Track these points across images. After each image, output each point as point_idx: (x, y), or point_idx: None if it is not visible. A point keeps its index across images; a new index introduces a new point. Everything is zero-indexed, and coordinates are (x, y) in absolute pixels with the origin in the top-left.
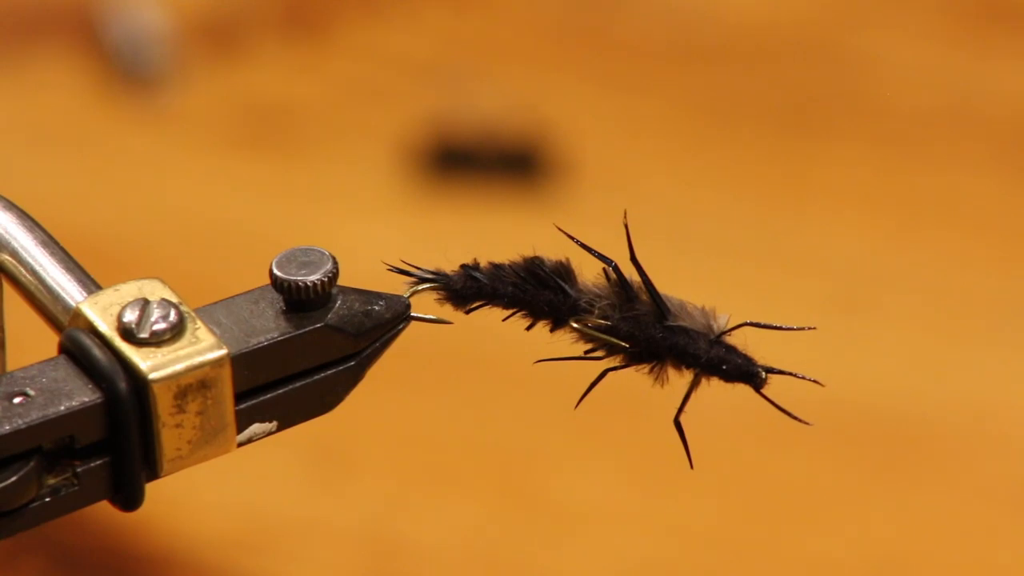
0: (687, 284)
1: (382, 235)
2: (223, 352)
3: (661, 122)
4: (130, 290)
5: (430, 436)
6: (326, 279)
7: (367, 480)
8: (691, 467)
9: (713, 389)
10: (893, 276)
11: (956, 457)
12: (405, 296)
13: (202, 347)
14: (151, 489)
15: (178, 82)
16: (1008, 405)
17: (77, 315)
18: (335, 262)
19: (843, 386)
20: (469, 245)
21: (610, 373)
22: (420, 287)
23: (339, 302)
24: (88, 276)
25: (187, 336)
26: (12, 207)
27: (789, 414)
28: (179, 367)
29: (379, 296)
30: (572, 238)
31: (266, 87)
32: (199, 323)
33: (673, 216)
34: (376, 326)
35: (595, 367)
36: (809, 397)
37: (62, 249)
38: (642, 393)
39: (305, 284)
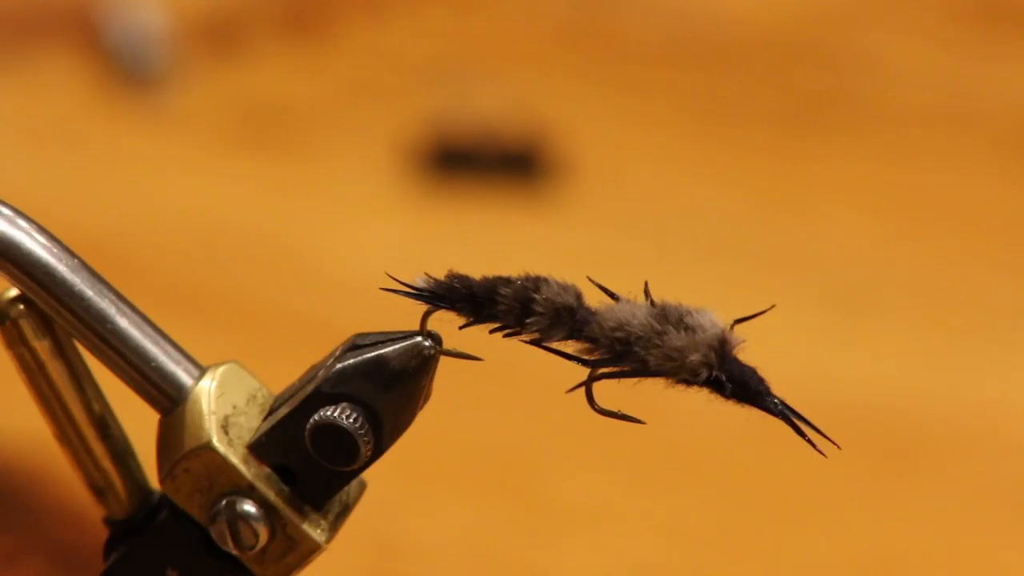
0: (687, 284)
1: (382, 234)
2: (322, 546)
3: (661, 122)
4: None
5: (430, 436)
6: (369, 448)
7: (367, 480)
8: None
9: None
10: (893, 276)
11: (956, 457)
12: (423, 339)
13: (302, 550)
14: None
15: (178, 82)
16: (1008, 405)
17: (166, 486)
18: (361, 426)
19: (843, 386)
20: (469, 245)
21: (610, 374)
22: (430, 315)
23: (380, 410)
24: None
25: (280, 537)
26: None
27: (810, 438)
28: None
29: (401, 357)
30: (606, 290)
31: (266, 87)
32: (286, 515)
33: (672, 216)
34: (419, 398)
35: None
36: (808, 397)
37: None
38: (642, 394)
39: (362, 465)
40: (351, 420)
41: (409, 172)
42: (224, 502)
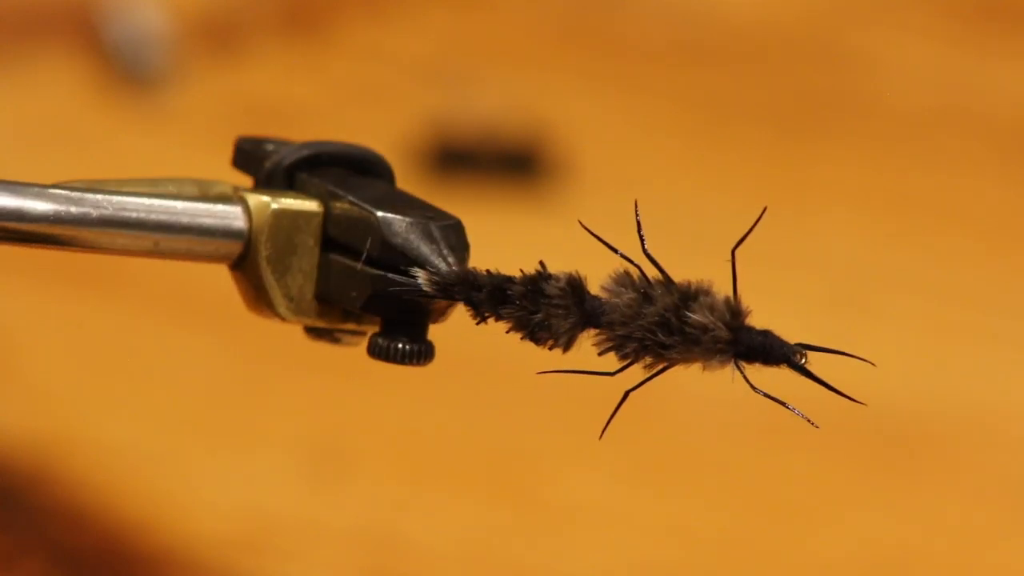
0: None
1: None
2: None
3: (661, 122)
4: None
5: (430, 436)
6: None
7: (367, 480)
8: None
9: (712, 389)
10: (893, 276)
11: (956, 457)
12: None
13: None
14: (151, 488)
15: (178, 82)
16: (1008, 405)
17: None
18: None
19: (842, 386)
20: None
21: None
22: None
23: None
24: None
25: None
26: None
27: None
28: None
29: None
30: (604, 241)
31: (266, 87)
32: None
33: (673, 216)
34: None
35: (604, 362)
36: (807, 396)
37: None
38: (643, 393)
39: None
40: (398, 350)
41: (409, 172)
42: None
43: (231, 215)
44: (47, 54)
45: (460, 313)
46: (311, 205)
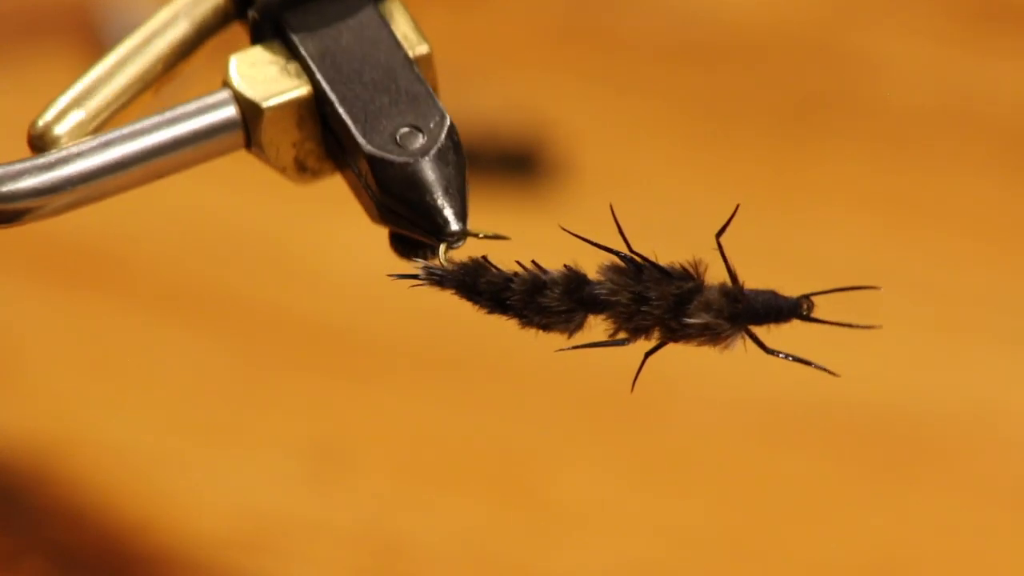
0: None
1: (383, 235)
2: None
3: (661, 122)
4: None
5: (430, 436)
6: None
7: (367, 480)
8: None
9: (711, 389)
10: (893, 276)
11: (956, 457)
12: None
13: None
14: (151, 488)
15: (177, 82)
16: (1008, 405)
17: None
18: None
19: (842, 386)
20: (469, 244)
21: (614, 370)
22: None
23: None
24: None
25: None
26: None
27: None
28: None
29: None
30: (595, 243)
31: None
32: None
33: (673, 216)
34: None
35: (603, 359)
36: (809, 397)
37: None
38: (644, 392)
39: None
40: (416, 254)
41: None
42: None
43: (221, 113)
44: (47, 54)
45: (460, 313)
46: (299, 91)
